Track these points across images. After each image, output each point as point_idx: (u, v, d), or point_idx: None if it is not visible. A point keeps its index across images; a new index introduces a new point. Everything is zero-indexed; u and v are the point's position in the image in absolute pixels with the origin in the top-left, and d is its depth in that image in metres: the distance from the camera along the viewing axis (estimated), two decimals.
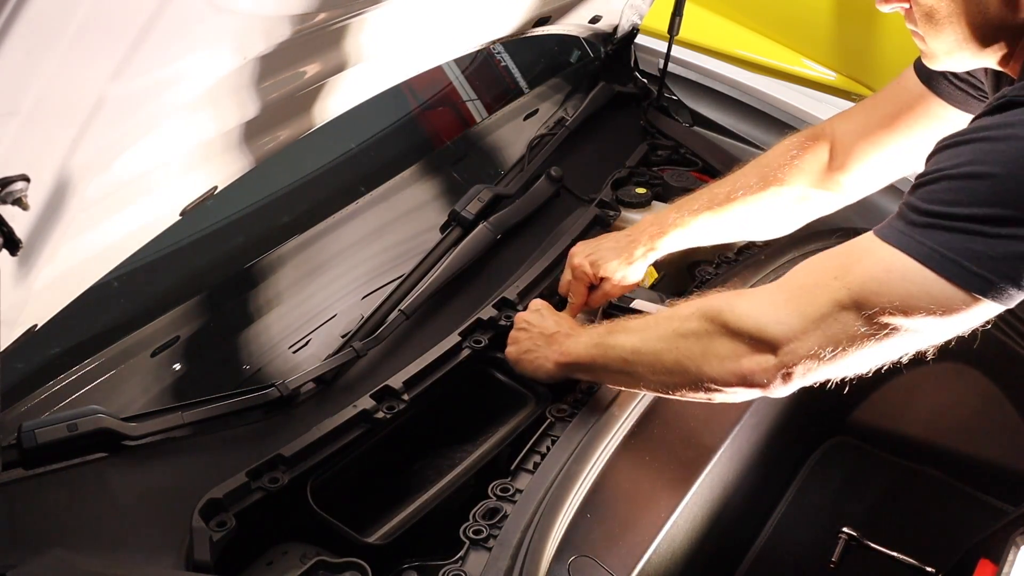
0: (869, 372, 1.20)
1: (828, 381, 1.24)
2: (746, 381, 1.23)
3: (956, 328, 1.12)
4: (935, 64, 1.25)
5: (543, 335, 1.53)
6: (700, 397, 1.31)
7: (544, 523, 1.25)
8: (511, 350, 1.57)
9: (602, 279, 1.66)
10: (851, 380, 1.24)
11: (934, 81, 1.47)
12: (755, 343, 1.21)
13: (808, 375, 1.20)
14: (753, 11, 3.73)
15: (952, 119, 1.46)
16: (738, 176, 1.66)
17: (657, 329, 1.35)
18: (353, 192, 1.86)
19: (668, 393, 1.35)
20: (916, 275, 1.08)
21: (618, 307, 1.76)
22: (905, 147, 1.53)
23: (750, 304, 1.24)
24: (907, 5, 1.20)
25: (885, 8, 1.23)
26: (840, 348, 1.15)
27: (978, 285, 1.05)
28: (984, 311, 1.09)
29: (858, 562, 1.75)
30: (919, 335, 1.13)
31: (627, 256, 1.65)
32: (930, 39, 1.21)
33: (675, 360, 1.30)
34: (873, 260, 1.13)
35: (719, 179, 1.72)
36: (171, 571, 1.22)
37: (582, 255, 1.67)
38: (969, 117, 1.43)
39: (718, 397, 1.29)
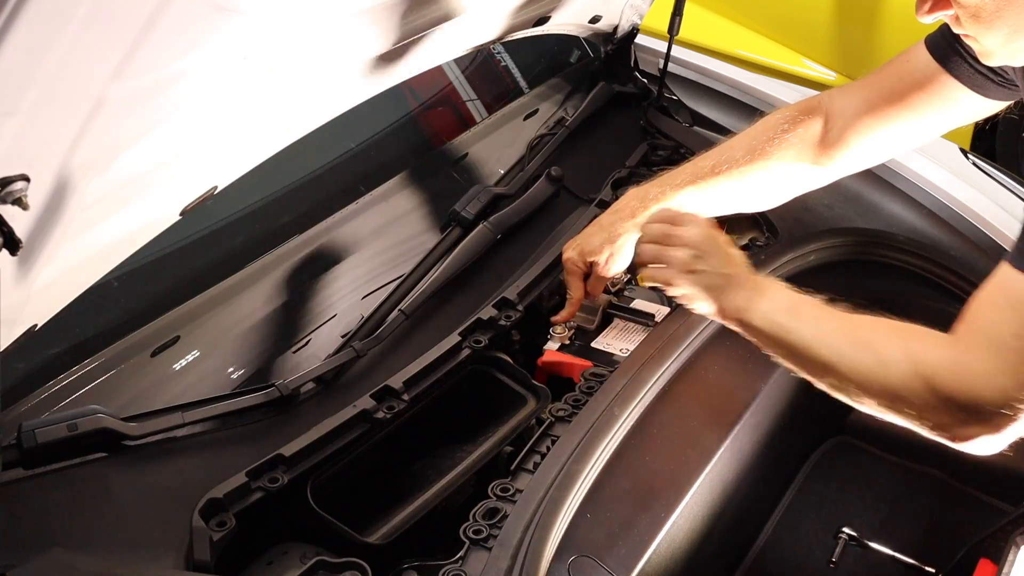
0: None
1: None
2: (957, 441, 1.22)
3: None
4: (993, 60, 1.24)
5: (722, 273, 1.40)
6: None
7: (544, 523, 1.25)
8: (687, 278, 1.41)
9: (592, 264, 1.64)
10: None
11: (951, 62, 1.43)
12: (971, 414, 1.18)
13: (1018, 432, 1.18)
14: (753, 11, 3.74)
15: (965, 101, 1.44)
16: (724, 149, 1.63)
17: (855, 351, 1.28)
18: (353, 192, 1.86)
19: (832, 393, 1.32)
20: None
21: (619, 308, 1.76)
22: (911, 125, 1.51)
23: (964, 374, 1.19)
24: (951, 12, 1.19)
25: (927, 19, 1.21)
26: None
27: None
28: None
29: (858, 562, 1.75)
30: None
31: (611, 235, 1.63)
32: (982, 38, 1.19)
33: (868, 396, 1.26)
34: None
35: (704, 151, 1.68)
36: (171, 571, 1.22)
37: (570, 248, 1.67)
38: (984, 100, 1.42)
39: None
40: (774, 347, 1.37)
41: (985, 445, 1.20)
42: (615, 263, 1.65)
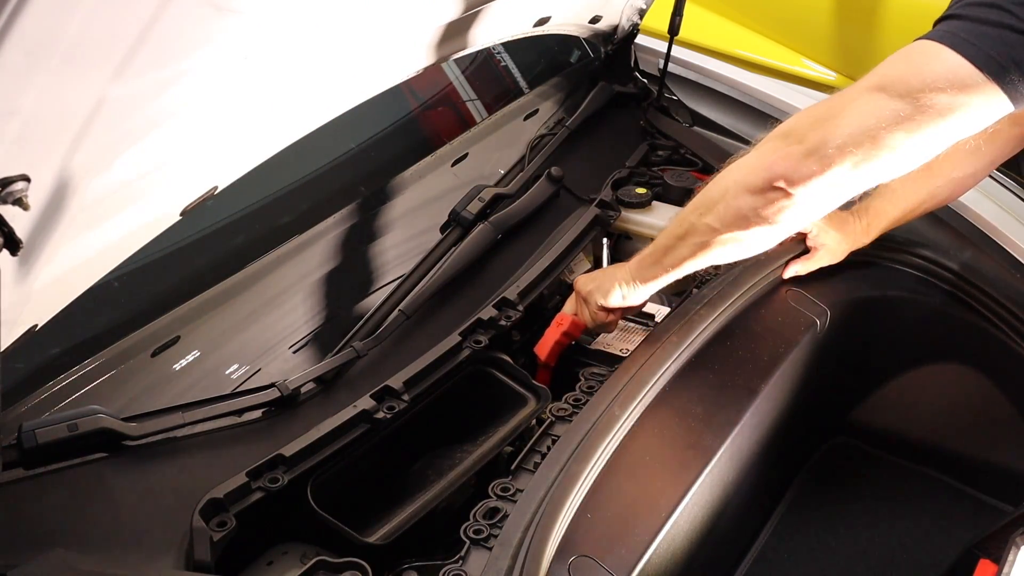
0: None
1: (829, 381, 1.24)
2: (780, 178, 1.26)
3: (976, 117, 1.18)
4: None
5: (605, 274, 1.62)
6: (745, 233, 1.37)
7: (545, 523, 1.25)
8: (586, 311, 1.65)
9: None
10: (852, 381, 1.24)
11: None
12: (784, 139, 1.26)
13: (842, 163, 1.22)
14: (753, 11, 3.73)
15: None
16: None
17: (688, 206, 1.44)
18: (353, 192, 1.86)
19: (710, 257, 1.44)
20: (938, 54, 1.16)
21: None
22: None
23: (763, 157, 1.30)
24: None
25: None
26: (871, 134, 1.19)
27: (992, 67, 1.13)
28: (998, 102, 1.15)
29: (858, 562, 1.75)
30: (945, 120, 1.18)
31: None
32: None
33: (718, 210, 1.37)
34: (905, 50, 1.22)
35: None
36: (171, 571, 1.22)
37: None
38: None
39: (760, 225, 1.33)
40: (665, 262, 1.51)
41: (809, 174, 1.24)
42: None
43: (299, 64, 1.38)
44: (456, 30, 1.72)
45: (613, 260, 2.00)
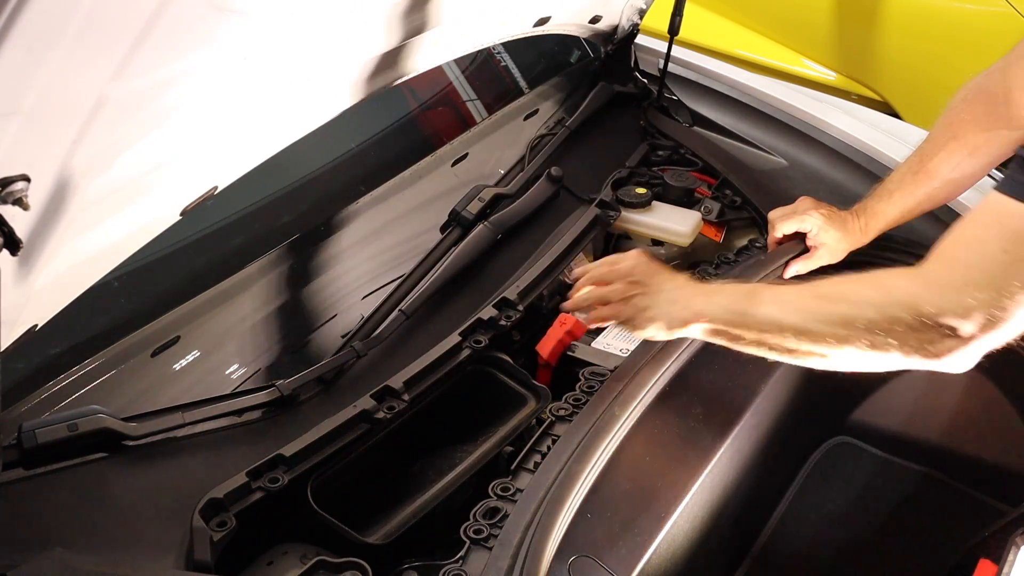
0: None
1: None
2: (935, 360, 1.25)
3: None
4: None
5: (663, 288, 1.43)
6: (859, 367, 1.32)
7: (545, 523, 1.25)
8: (615, 309, 1.46)
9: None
10: (851, 381, 1.24)
11: None
12: (945, 331, 1.22)
13: (993, 344, 1.22)
14: (753, 11, 3.74)
15: None
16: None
17: (823, 309, 1.31)
18: (353, 192, 1.86)
19: (812, 362, 1.34)
20: None
21: None
22: None
23: (937, 296, 1.23)
24: None
25: None
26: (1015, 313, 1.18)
27: None
28: None
29: (858, 562, 1.75)
30: None
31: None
32: None
33: (851, 344, 1.28)
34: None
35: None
36: (171, 571, 1.22)
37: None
38: None
39: (882, 367, 1.30)
40: (745, 336, 1.37)
41: (963, 358, 1.23)
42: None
43: (299, 64, 1.38)
44: (458, 30, 1.72)
45: None
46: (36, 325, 1.22)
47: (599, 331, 1.71)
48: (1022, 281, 1.16)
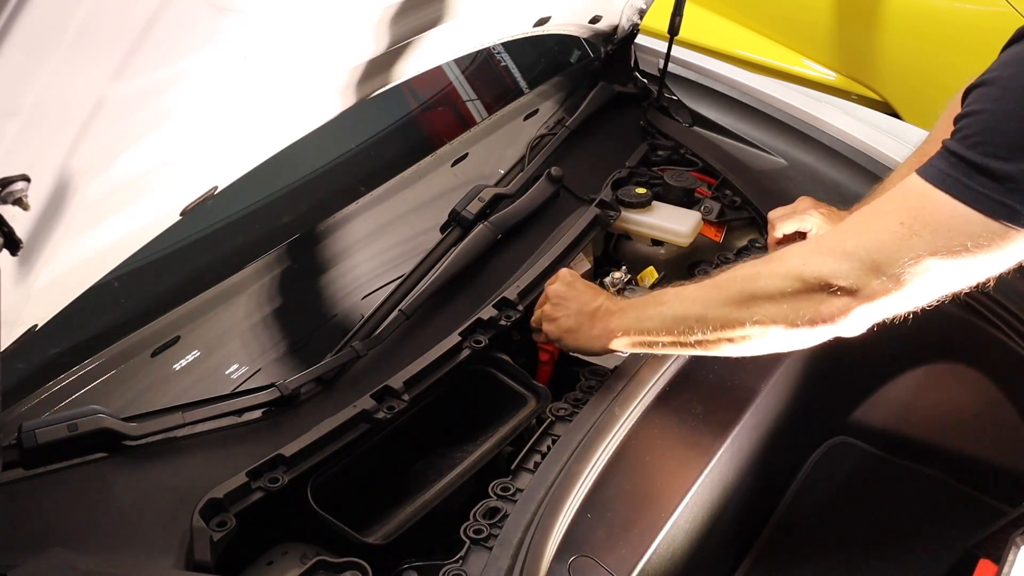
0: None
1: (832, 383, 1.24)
2: (830, 325, 1.25)
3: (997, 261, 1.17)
4: None
5: (583, 312, 1.52)
6: (765, 347, 1.33)
7: (545, 523, 1.26)
8: (550, 328, 1.56)
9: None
10: (851, 381, 1.24)
11: None
12: (835, 291, 1.23)
13: (883, 311, 1.23)
14: (753, 11, 3.74)
15: None
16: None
17: (721, 293, 1.35)
18: (353, 192, 1.86)
19: (724, 350, 1.36)
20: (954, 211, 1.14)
21: None
22: None
23: (825, 256, 1.26)
24: None
25: None
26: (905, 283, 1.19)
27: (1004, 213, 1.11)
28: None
29: (858, 562, 1.75)
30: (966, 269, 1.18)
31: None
32: None
33: (749, 320, 1.30)
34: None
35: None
36: (171, 571, 1.22)
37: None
38: None
39: (786, 343, 1.32)
40: (661, 339, 1.42)
41: (854, 320, 1.24)
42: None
43: (299, 64, 1.38)
44: (459, 30, 1.72)
45: (613, 260, 2.00)
46: (36, 325, 1.22)
47: None
48: (914, 255, 1.16)
